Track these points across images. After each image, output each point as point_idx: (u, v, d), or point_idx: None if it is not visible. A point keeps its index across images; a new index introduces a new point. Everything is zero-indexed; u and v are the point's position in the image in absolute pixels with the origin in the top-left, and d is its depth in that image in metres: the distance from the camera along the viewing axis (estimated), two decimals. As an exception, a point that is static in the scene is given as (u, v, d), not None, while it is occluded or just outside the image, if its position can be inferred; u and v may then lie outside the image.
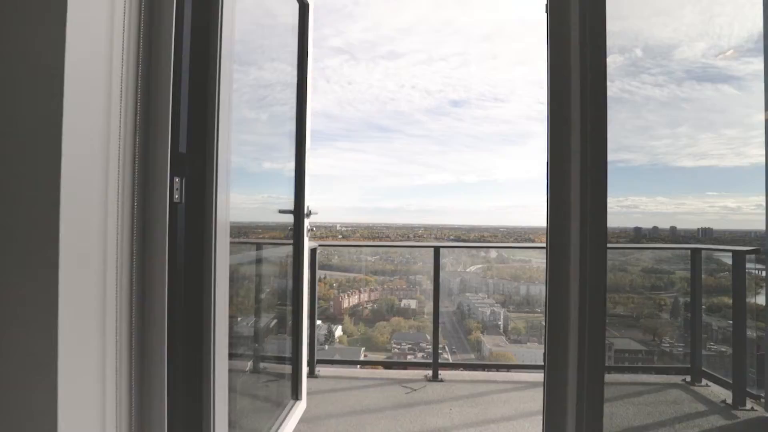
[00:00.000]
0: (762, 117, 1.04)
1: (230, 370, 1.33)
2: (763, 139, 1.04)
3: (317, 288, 3.23)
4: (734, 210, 1.11)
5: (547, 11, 1.39)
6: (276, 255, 2.20)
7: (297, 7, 2.17)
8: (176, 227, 1.14)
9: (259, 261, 1.98)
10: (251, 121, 1.81)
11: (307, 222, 2.25)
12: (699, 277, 2.89)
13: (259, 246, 1.97)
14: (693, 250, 2.76)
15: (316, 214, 2.28)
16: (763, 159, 1.04)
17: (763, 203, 1.02)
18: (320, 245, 3.37)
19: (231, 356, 1.36)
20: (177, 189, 1.14)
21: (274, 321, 2.16)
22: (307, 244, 2.28)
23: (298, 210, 2.22)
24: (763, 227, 1.04)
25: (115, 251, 0.98)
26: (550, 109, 1.34)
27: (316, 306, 3.28)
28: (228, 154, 1.26)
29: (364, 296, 5.37)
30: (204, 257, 1.19)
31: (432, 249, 3.38)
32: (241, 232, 1.64)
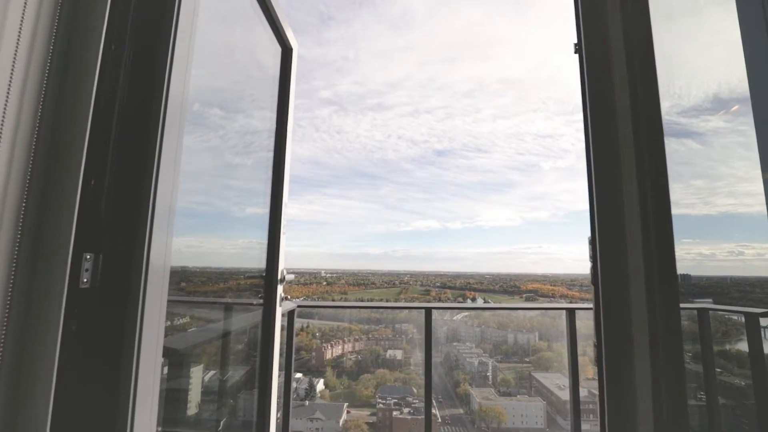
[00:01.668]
0: (724, 170, 1.12)
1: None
2: (728, 190, 1.10)
3: (296, 339, 3.07)
4: (708, 256, 1.15)
5: (581, 52, 1.26)
6: (240, 323, 1.76)
7: (280, 52, 2.01)
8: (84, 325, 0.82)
9: (217, 330, 1.59)
10: (223, 166, 1.59)
11: (280, 289, 1.89)
12: (709, 339, 2.87)
13: (213, 309, 1.58)
14: (699, 310, 2.76)
15: (291, 280, 1.94)
16: (730, 208, 1.10)
17: (734, 250, 1.07)
18: (299, 306, 3.16)
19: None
20: (87, 270, 0.82)
21: (236, 403, 1.73)
22: (280, 313, 1.90)
23: (271, 275, 1.85)
24: (739, 274, 1.08)
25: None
26: (594, 159, 1.19)
27: (292, 367, 3.02)
28: (171, 197, 0.97)
29: (348, 346, 5.17)
30: (126, 323, 0.84)
31: (423, 310, 3.18)
32: (192, 292, 1.36)
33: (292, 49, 2.05)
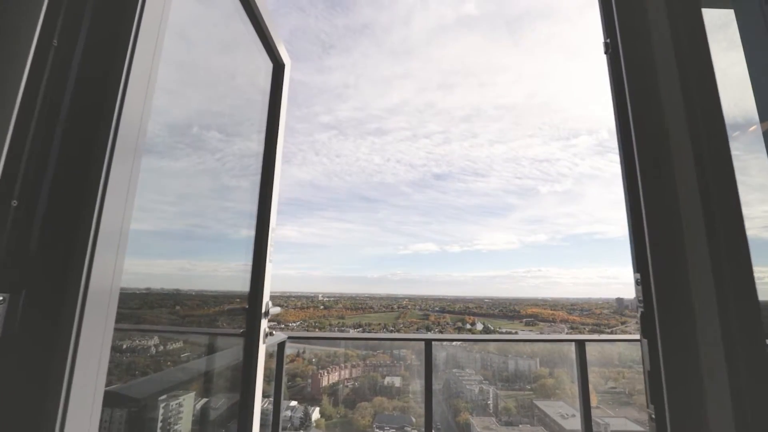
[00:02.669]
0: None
1: None
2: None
3: (292, 366, 3.00)
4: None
5: (614, 51, 1.12)
6: (215, 363, 1.47)
7: (272, 68, 1.89)
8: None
9: (187, 373, 1.33)
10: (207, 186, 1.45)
11: (264, 323, 1.67)
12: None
13: (181, 354, 1.32)
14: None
15: (277, 313, 1.73)
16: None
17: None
18: (289, 338, 3.07)
19: None
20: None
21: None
22: (264, 351, 1.67)
23: (254, 307, 1.63)
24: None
25: None
26: (642, 177, 1.02)
27: (281, 399, 2.88)
28: (125, 213, 0.82)
29: (345, 373, 5.03)
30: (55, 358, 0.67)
31: (423, 342, 3.08)
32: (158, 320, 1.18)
33: (284, 65, 1.94)
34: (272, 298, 1.74)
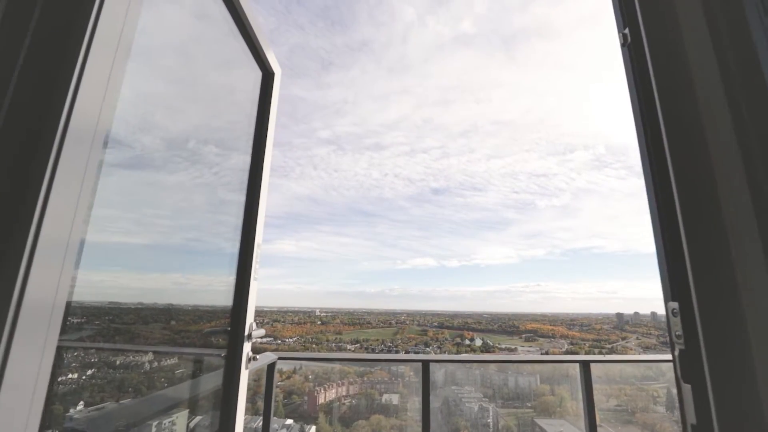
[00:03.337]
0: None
1: None
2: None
3: (288, 382, 2.92)
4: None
5: (636, 42, 0.98)
6: (189, 391, 1.31)
7: (260, 76, 1.79)
8: None
9: (155, 406, 1.17)
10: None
11: (248, 347, 1.51)
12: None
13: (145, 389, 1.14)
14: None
15: (261, 336, 1.58)
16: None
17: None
18: (279, 358, 2.99)
19: None
20: None
21: None
22: (246, 378, 1.52)
23: (236, 329, 1.48)
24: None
25: None
26: (678, 184, 0.84)
27: (270, 422, 2.72)
28: (75, 218, 0.73)
29: (342, 390, 4.94)
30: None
31: (420, 363, 3.01)
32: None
33: (274, 73, 1.84)
34: (269, 313, 1.70)
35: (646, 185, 0.95)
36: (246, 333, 1.50)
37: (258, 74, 1.78)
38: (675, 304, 0.85)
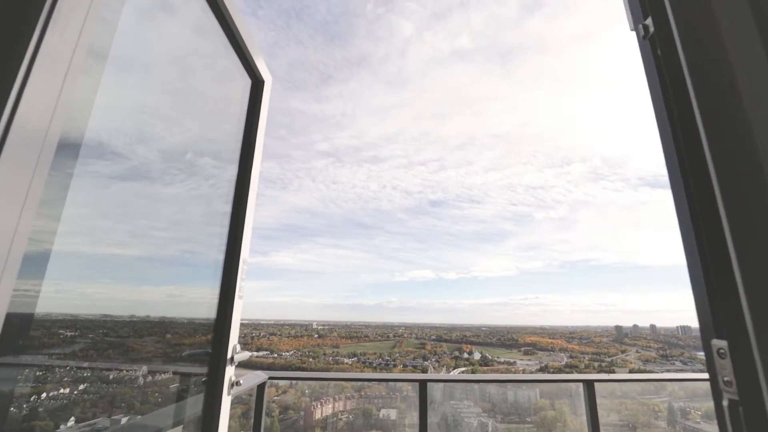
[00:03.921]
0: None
1: None
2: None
3: (284, 397, 2.86)
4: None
5: (660, 34, 0.83)
6: (159, 421, 1.16)
7: (250, 84, 1.72)
8: None
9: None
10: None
11: (231, 370, 1.38)
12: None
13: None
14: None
15: (245, 359, 1.45)
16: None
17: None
18: (270, 378, 2.91)
19: None
20: None
21: None
22: (229, 404, 1.38)
23: (218, 351, 1.36)
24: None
25: None
26: (723, 192, 0.67)
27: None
28: (18, 224, 0.65)
29: (339, 405, 4.85)
30: None
31: (417, 383, 2.96)
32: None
33: (264, 81, 1.77)
34: (265, 326, 1.61)
35: (675, 196, 0.81)
36: (229, 356, 1.37)
37: (247, 82, 1.72)
38: (723, 343, 0.66)
